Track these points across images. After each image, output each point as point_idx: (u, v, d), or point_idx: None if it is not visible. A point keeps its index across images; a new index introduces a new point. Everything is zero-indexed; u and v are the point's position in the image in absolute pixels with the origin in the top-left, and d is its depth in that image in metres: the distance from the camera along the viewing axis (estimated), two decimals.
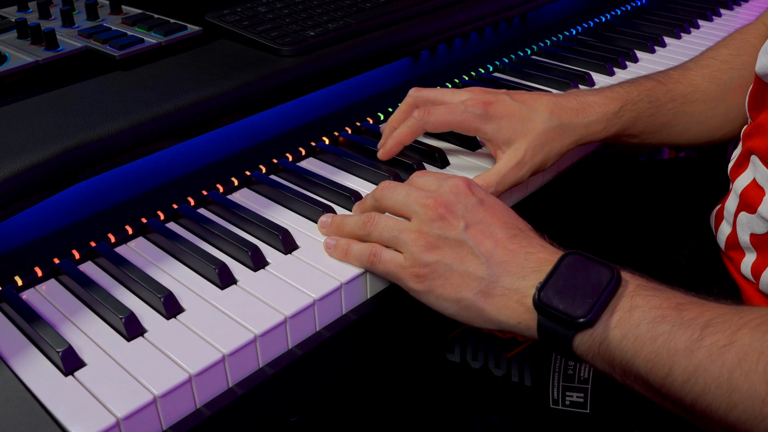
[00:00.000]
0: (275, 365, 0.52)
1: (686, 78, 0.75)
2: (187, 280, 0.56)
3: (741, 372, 0.42)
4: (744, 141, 0.69)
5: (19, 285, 0.55)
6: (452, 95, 0.68)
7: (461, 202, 0.55)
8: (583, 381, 0.67)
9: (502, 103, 0.66)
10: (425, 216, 0.55)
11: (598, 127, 0.69)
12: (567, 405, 0.68)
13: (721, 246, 0.70)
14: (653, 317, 0.46)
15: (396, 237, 0.55)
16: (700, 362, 0.43)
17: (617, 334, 0.47)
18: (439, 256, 0.53)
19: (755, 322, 0.43)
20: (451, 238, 0.54)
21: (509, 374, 0.70)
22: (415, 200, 0.56)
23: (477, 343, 0.72)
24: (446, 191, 0.56)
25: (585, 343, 0.48)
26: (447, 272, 0.53)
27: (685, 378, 0.44)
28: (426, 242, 0.54)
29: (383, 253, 0.56)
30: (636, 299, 0.47)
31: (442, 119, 0.66)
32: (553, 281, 0.50)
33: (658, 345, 0.45)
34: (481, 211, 0.55)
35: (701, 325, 0.44)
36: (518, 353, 0.70)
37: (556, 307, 0.48)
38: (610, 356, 0.47)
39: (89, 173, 0.59)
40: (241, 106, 0.68)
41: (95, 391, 0.46)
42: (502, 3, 0.94)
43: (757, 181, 0.64)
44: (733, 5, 1.16)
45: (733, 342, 0.43)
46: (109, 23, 0.77)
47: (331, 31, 0.77)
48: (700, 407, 0.44)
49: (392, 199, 0.58)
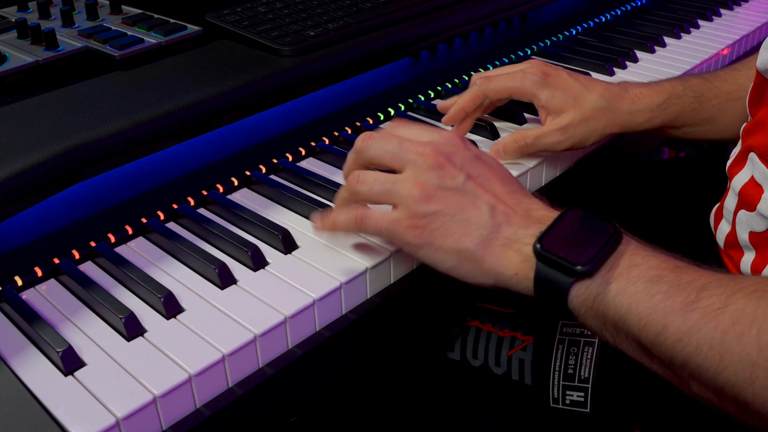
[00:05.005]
0: (275, 365, 0.52)
1: (732, 77, 0.77)
2: (187, 280, 0.56)
3: (733, 335, 0.42)
4: (743, 138, 0.69)
5: (19, 285, 0.55)
6: (512, 66, 0.72)
7: (459, 154, 0.54)
8: (584, 380, 0.67)
9: (559, 75, 0.70)
10: (423, 164, 0.52)
11: (641, 117, 0.71)
12: (567, 404, 0.68)
13: (720, 245, 0.70)
14: (651, 276, 0.46)
15: (389, 189, 0.53)
16: (694, 323, 0.43)
17: (614, 288, 0.46)
18: (438, 206, 0.51)
19: (750, 288, 0.43)
20: (450, 187, 0.52)
21: (509, 373, 0.70)
22: (409, 149, 0.53)
23: (477, 342, 0.72)
24: (442, 141, 0.54)
25: (581, 295, 0.48)
26: (447, 222, 0.51)
27: (678, 337, 0.43)
28: (424, 192, 0.51)
29: (372, 213, 0.53)
30: (635, 257, 0.47)
31: (502, 85, 0.70)
32: (555, 231, 0.49)
33: (654, 303, 0.45)
34: (480, 164, 0.54)
35: (698, 287, 0.44)
36: (518, 352, 0.70)
37: (557, 253, 0.48)
38: (603, 311, 0.47)
39: (89, 173, 0.59)
40: (241, 106, 0.68)
41: (95, 391, 0.46)
42: (502, 3, 0.94)
43: (756, 178, 0.64)
44: (733, 5, 1.16)
45: (727, 305, 0.43)
46: (109, 23, 0.77)
47: (331, 31, 0.77)
48: (690, 368, 0.44)
49: (380, 149, 0.54)
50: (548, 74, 0.69)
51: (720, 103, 0.75)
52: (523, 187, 0.55)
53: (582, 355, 0.68)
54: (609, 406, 0.67)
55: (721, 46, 1.00)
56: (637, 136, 0.83)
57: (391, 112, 0.80)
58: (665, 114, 0.72)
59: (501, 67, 0.73)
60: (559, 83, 0.69)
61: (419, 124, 0.58)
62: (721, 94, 0.76)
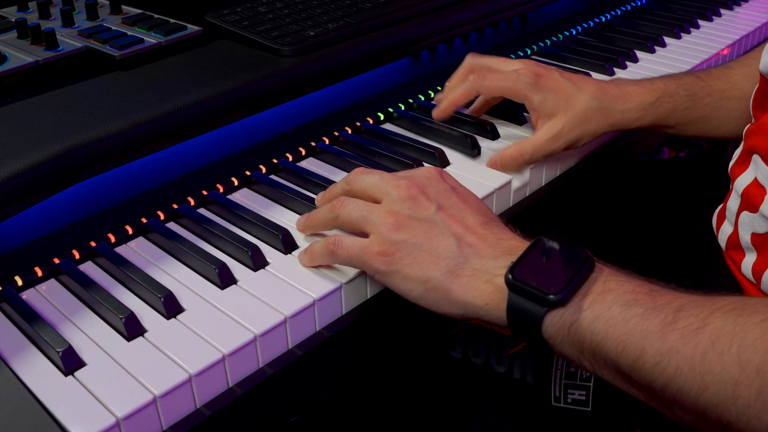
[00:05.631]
0: (275, 365, 0.52)
1: (726, 75, 0.77)
2: (187, 280, 0.56)
3: (714, 354, 0.41)
4: (746, 140, 0.69)
5: (19, 285, 0.55)
6: (506, 64, 0.72)
7: (434, 186, 0.56)
8: (586, 379, 0.67)
9: (551, 77, 0.70)
10: (396, 195, 0.54)
11: (633, 115, 0.72)
12: (569, 403, 0.68)
13: (722, 246, 0.70)
14: (626, 300, 0.46)
15: (364, 216, 0.54)
16: (672, 344, 0.43)
17: (589, 315, 0.46)
18: (407, 235, 0.52)
19: (728, 307, 0.43)
20: (421, 218, 0.53)
21: (511, 371, 0.70)
22: (387, 181, 0.56)
23: (479, 340, 0.72)
24: (419, 175, 0.57)
25: (555, 324, 0.47)
26: (415, 251, 0.52)
27: (657, 360, 0.43)
28: (395, 221, 0.53)
29: (344, 239, 0.54)
30: (609, 283, 0.47)
31: (495, 84, 0.71)
32: (527, 261, 0.49)
33: (631, 327, 0.44)
34: (454, 196, 0.55)
35: (674, 309, 0.44)
36: (520, 350, 0.70)
37: (529, 283, 0.47)
38: (580, 339, 0.46)
39: (89, 173, 0.59)
40: (241, 106, 0.68)
41: (95, 391, 0.46)
42: (502, 3, 0.94)
43: (759, 180, 0.64)
44: (733, 5, 1.16)
45: (706, 325, 0.42)
46: (109, 23, 0.77)
47: (331, 31, 0.77)
48: (671, 391, 0.43)
49: (364, 181, 0.57)
50: (541, 75, 0.70)
51: (713, 101, 0.75)
52: (498, 218, 0.56)
53: None
54: (610, 405, 0.67)
55: (721, 46, 1.00)
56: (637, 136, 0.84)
57: (391, 112, 0.80)
58: (657, 112, 0.72)
59: (496, 59, 0.73)
60: (551, 84, 0.69)
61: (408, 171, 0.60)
62: (714, 92, 0.76)
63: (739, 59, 0.80)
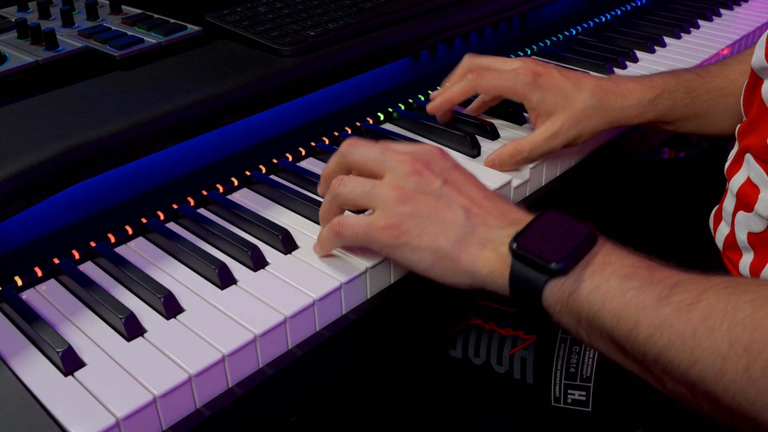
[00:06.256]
0: (275, 365, 0.52)
1: (724, 73, 0.77)
2: (187, 280, 0.56)
3: (705, 329, 0.42)
4: (739, 139, 0.69)
5: (19, 285, 0.55)
6: (504, 63, 0.71)
7: (437, 162, 0.56)
8: (586, 379, 0.67)
9: (550, 75, 0.70)
10: (401, 170, 0.54)
11: (633, 112, 0.72)
12: (569, 403, 0.68)
13: (719, 246, 0.70)
14: (624, 273, 0.47)
15: (368, 192, 0.54)
16: (666, 318, 0.44)
17: (588, 285, 0.47)
18: (414, 207, 0.52)
19: (722, 285, 0.44)
20: (427, 192, 0.53)
21: (511, 371, 0.70)
22: (390, 156, 0.55)
23: (479, 340, 0.72)
24: (422, 151, 0.56)
25: (555, 293, 0.48)
26: (423, 223, 0.52)
27: (650, 332, 0.44)
28: (402, 194, 0.53)
29: (348, 219, 0.54)
30: (609, 256, 0.48)
31: (494, 83, 0.70)
32: (531, 231, 0.50)
33: (627, 299, 0.45)
34: (457, 173, 0.56)
35: (670, 284, 0.45)
36: (520, 350, 0.70)
37: (532, 251, 0.48)
38: (577, 308, 0.47)
39: (89, 173, 0.59)
40: (241, 106, 0.68)
41: (95, 391, 0.46)
42: (502, 3, 0.94)
43: (752, 179, 0.64)
44: (733, 5, 1.16)
45: (699, 301, 0.43)
46: (109, 23, 0.77)
47: (331, 31, 0.77)
48: (662, 363, 0.44)
49: (363, 154, 0.56)
50: (539, 74, 0.69)
51: (711, 98, 0.75)
52: (500, 195, 0.56)
53: (584, 354, 0.68)
54: (611, 406, 0.67)
55: (721, 46, 1.00)
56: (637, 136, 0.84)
57: (391, 112, 0.80)
58: (657, 109, 0.73)
59: (494, 59, 0.73)
60: (550, 83, 0.69)
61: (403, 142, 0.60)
62: (712, 89, 0.76)
63: (737, 56, 0.80)
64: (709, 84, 0.76)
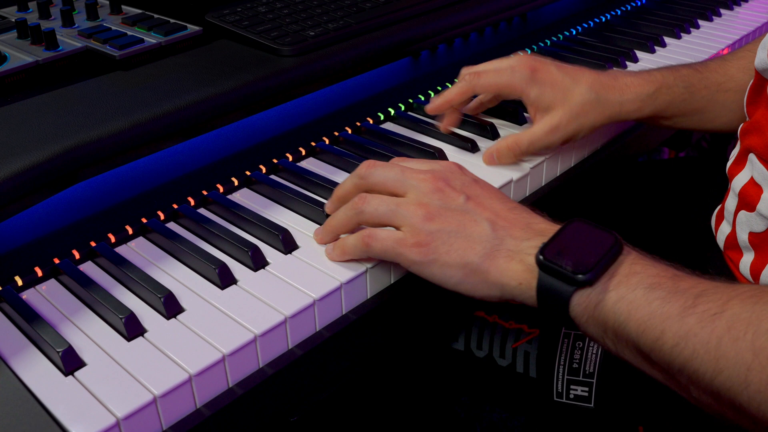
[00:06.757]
0: (275, 365, 0.52)
1: (722, 68, 0.77)
2: (187, 280, 0.56)
3: (729, 339, 0.42)
4: (741, 139, 0.69)
5: (19, 285, 0.55)
6: (501, 62, 0.72)
7: (458, 178, 0.56)
8: (588, 375, 0.67)
9: (547, 70, 0.70)
10: (424, 188, 0.55)
11: (632, 107, 0.72)
12: (571, 398, 0.68)
13: (720, 246, 0.70)
14: (650, 283, 0.47)
15: (393, 211, 0.55)
16: (690, 327, 0.44)
17: (614, 296, 0.47)
18: (441, 224, 0.53)
19: (746, 294, 0.44)
20: (452, 208, 0.54)
21: (514, 365, 0.70)
22: (411, 175, 0.56)
23: (482, 333, 0.72)
24: (441, 169, 0.57)
25: (581, 303, 0.48)
26: (450, 239, 0.53)
27: (675, 342, 0.44)
28: (427, 212, 0.54)
29: (378, 232, 0.55)
30: (635, 266, 0.48)
31: (491, 81, 0.70)
32: (557, 242, 0.50)
33: (652, 309, 0.45)
34: (477, 187, 0.56)
35: (695, 294, 0.45)
36: (524, 344, 0.70)
37: (559, 263, 0.48)
38: (604, 319, 0.48)
39: (89, 173, 0.59)
40: (241, 106, 0.68)
41: (95, 391, 0.46)
42: (502, 3, 0.94)
43: (755, 179, 0.64)
44: (733, 5, 1.16)
45: (724, 311, 0.43)
46: (109, 23, 0.77)
47: (331, 31, 0.77)
48: (688, 372, 0.44)
49: (383, 175, 0.57)
50: (536, 69, 0.69)
51: (710, 93, 0.75)
52: (521, 205, 0.56)
53: (587, 350, 0.68)
54: (613, 402, 0.67)
55: (721, 46, 1.00)
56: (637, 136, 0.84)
57: (391, 112, 0.80)
58: (655, 104, 0.73)
59: (490, 62, 0.73)
60: (548, 78, 0.69)
61: (418, 159, 0.61)
62: (711, 84, 0.76)
63: (736, 52, 0.80)
64: (707, 79, 0.76)
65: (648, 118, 0.74)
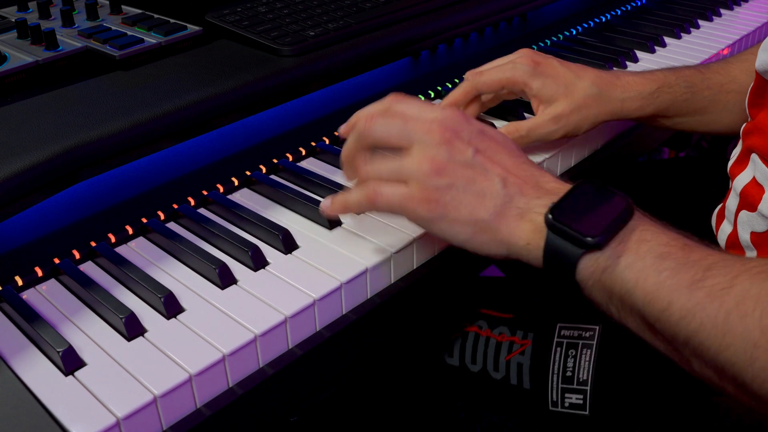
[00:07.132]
0: (275, 365, 0.52)
1: (725, 69, 0.77)
2: (187, 280, 0.56)
3: (737, 315, 0.42)
4: (744, 139, 0.69)
5: (19, 285, 0.55)
6: (502, 59, 0.72)
7: (465, 129, 0.54)
8: (582, 382, 0.67)
9: (549, 64, 0.70)
10: (431, 141, 0.52)
11: (633, 105, 0.72)
12: (566, 407, 0.68)
13: (722, 246, 0.70)
14: (660, 252, 0.46)
15: (398, 168, 0.53)
16: (699, 301, 0.43)
17: (622, 262, 0.46)
18: (450, 179, 0.51)
19: (756, 270, 0.43)
20: (460, 161, 0.52)
21: (508, 377, 0.70)
22: (415, 127, 0.53)
23: (475, 347, 0.72)
24: (447, 117, 0.54)
25: (589, 267, 0.48)
26: (460, 194, 0.51)
27: (682, 314, 0.44)
28: (435, 166, 0.51)
29: (383, 187, 0.53)
30: (645, 233, 0.48)
31: (494, 77, 0.70)
32: (567, 203, 0.49)
33: (661, 279, 0.45)
34: (486, 139, 0.54)
35: (705, 266, 0.45)
36: (516, 356, 0.70)
37: (568, 225, 0.48)
38: (610, 284, 0.47)
39: (89, 173, 0.59)
40: (241, 106, 0.68)
41: (95, 391, 0.46)
42: (502, 3, 0.94)
43: (757, 179, 0.64)
44: (733, 5, 1.16)
45: (732, 286, 0.43)
46: (109, 23, 0.77)
47: (331, 31, 0.77)
48: (693, 345, 0.44)
49: (385, 129, 0.54)
50: (539, 63, 0.69)
51: (711, 94, 0.75)
52: (531, 160, 0.55)
53: (580, 358, 0.68)
54: (608, 409, 0.67)
55: (721, 46, 1.00)
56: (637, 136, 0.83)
57: None
58: (657, 103, 0.73)
59: (492, 61, 0.73)
60: (550, 71, 0.69)
61: (418, 99, 0.57)
62: (713, 85, 0.76)
63: (739, 55, 0.80)
64: (710, 80, 0.76)
65: (650, 118, 0.74)
